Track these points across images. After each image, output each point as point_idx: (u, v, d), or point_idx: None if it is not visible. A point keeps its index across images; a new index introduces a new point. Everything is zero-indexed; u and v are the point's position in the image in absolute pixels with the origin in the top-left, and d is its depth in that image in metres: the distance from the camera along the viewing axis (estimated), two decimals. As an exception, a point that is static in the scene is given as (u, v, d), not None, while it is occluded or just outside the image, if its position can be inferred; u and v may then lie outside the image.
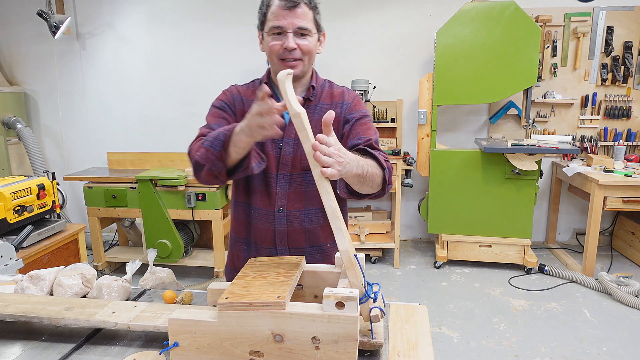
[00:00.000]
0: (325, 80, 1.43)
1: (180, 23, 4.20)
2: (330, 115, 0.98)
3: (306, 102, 1.33)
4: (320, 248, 1.40)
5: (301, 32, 1.24)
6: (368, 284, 0.95)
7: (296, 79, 1.30)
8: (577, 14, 3.79)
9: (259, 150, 1.26)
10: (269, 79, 1.38)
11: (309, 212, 1.35)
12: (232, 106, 1.37)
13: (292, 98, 0.96)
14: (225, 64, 4.19)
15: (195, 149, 1.20)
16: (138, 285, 1.33)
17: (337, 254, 1.07)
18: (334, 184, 1.10)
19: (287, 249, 1.36)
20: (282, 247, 1.36)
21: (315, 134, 0.97)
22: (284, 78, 0.97)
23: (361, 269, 0.97)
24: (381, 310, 0.93)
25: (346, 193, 1.23)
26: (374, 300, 0.95)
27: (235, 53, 4.16)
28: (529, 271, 3.57)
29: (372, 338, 0.96)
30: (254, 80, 1.44)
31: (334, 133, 1.01)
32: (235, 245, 1.45)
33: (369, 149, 1.24)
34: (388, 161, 1.27)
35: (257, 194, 1.36)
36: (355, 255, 0.95)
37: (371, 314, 0.92)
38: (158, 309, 1.09)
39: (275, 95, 1.35)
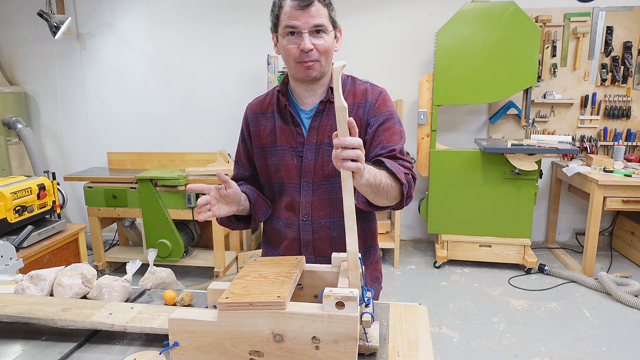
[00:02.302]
0: (348, 76, 1.34)
1: (180, 23, 4.20)
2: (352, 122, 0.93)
3: (326, 105, 1.28)
4: None
5: (317, 30, 1.18)
6: (363, 288, 0.95)
7: (315, 80, 1.26)
8: (577, 14, 3.79)
9: (262, 196, 1.37)
10: (287, 86, 1.34)
11: (334, 220, 1.32)
12: (246, 133, 1.38)
13: (339, 90, 0.92)
14: (225, 64, 4.18)
15: None
16: (138, 285, 1.33)
17: (334, 254, 1.07)
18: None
19: (313, 257, 1.34)
20: (308, 256, 1.34)
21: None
22: (340, 69, 0.92)
23: (362, 272, 0.97)
24: (372, 316, 0.93)
25: (363, 203, 1.18)
26: (366, 306, 0.95)
27: (235, 53, 4.15)
28: (528, 271, 3.57)
29: (367, 341, 0.96)
30: (274, 88, 1.39)
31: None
32: (265, 252, 1.47)
33: (387, 162, 1.17)
34: (409, 173, 1.20)
35: (281, 203, 1.35)
36: (360, 258, 0.96)
37: (363, 319, 0.92)
38: (155, 310, 1.09)
39: (291, 101, 1.32)
